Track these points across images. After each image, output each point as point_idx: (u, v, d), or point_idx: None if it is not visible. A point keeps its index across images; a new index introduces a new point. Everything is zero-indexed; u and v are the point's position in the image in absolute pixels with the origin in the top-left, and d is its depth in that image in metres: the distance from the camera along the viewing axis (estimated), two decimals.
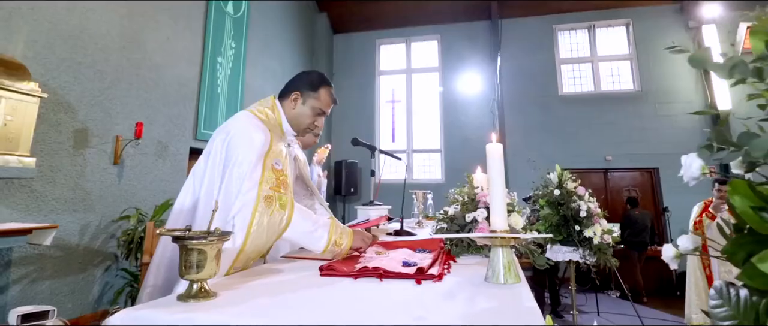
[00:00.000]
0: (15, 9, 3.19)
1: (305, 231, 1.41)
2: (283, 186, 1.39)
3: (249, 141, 1.41)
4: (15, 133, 2.88)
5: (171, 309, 0.85)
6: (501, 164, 1.18)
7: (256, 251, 1.34)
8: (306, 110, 1.65)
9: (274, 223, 1.33)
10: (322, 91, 1.67)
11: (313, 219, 1.44)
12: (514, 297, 0.96)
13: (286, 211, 1.37)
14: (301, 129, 1.68)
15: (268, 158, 1.40)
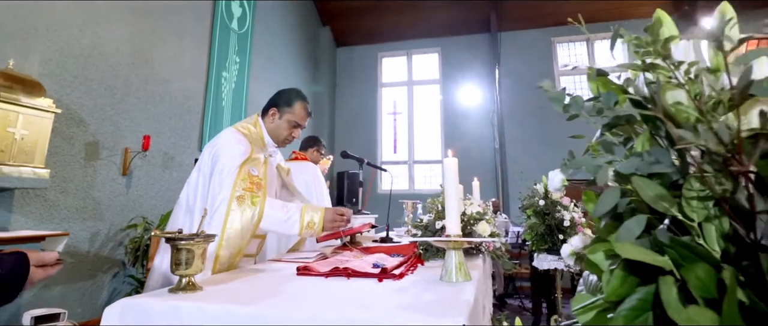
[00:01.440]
0: (32, 30, 3.42)
1: (279, 221, 1.64)
2: (257, 187, 1.60)
3: (230, 151, 1.65)
4: (31, 146, 3.08)
5: (162, 298, 1.02)
6: (455, 177, 1.34)
7: (236, 245, 1.53)
8: (282, 123, 1.88)
9: (246, 218, 1.55)
10: (296, 105, 1.89)
11: (285, 209, 1.66)
12: (457, 292, 1.11)
13: (257, 207, 1.58)
14: (279, 140, 1.91)
15: (246, 165, 1.64)
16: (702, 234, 0.50)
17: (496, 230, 1.95)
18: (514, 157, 8.00)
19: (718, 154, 0.46)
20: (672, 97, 0.52)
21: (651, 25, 0.53)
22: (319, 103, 8.42)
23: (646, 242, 0.53)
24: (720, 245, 0.50)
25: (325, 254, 1.79)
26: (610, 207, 0.53)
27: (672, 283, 0.47)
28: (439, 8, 8.36)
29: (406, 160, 8.79)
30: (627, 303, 0.50)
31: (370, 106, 8.99)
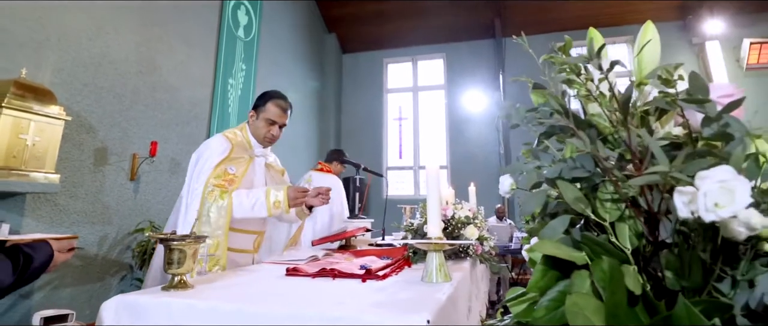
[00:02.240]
0: (44, 40, 3.54)
1: (247, 207, 1.76)
2: (230, 183, 1.76)
3: (209, 152, 1.85)
4: (42, 152, 3.19)
5: (155, 296, 1.09)
6: (437, 182, 1.40)
7: (211, 237, 1.66)
8: (260, 123, 2.03)
9: (216, 210, 1.70)
10: (269, 104, 2.03)
11: (251, 196, 1.78)
12: (433, 292, 1.17)
13: (226, 200, 1.72)
14: (260, 139, 2.04)
15: (223, 164, 1.80)
16: (614, 232, 0.55)
17: (486, 234, 2.00)
18: None
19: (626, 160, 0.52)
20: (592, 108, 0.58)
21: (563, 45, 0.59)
22: (325, 109, 8.52)
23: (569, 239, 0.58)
24: (633, 243, 0.56)
25: (317, 256, 1.86)
26: (536, 207, 0.59)
27: (586, 276, 0.53)
28: (444, 14, 8.43)
29: (412, 165, 8.85)
30: (548, 294, 0.56)
31: (376, 111, 9.07)
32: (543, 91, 0.70)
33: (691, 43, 8.08)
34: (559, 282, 0.56)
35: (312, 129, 8.17)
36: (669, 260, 0.50)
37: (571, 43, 0.61)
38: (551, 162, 0.62)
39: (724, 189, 0.37)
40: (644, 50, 0.61)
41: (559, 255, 0.53)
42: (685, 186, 0.39)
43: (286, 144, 7.09)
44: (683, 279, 0.50)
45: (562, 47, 0.60)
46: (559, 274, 0.56)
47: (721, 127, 0.45)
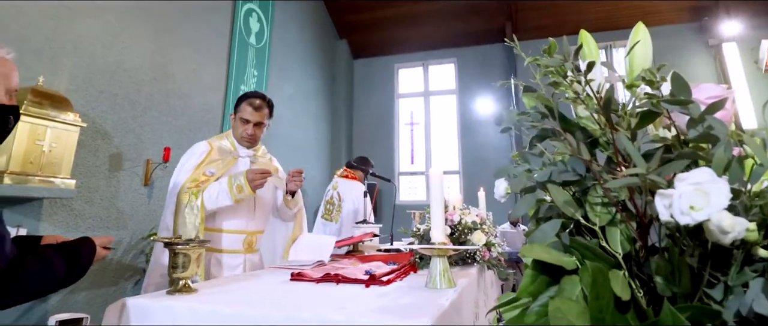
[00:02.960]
0: (60, 48, 3.63)
1: (213, 197, 1.85)
2: (204, 184, 1.86)
3: (187, 157, 1.99)
4: (58, 159, 3.26)
5: (159, 299, 1.11)
6: (440, 188, 1.40)
7: (190, 232, 1.72)
8: (237, 123, 2.14)
9: (190, 210, 1.79)
10: (243, 104, 2.13)
11: (216, 187, 1.87)
12: (436, 298, 1.16)
13: (198, 199, 1.81)
14: (238, 138, 2.14)
15: (202, 166, 1.92)
16: (605, 237, 0.55)
17: (494, 240, 1.99)
18: None
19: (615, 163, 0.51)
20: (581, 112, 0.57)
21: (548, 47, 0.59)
22: (337, 114, 8.56)
23: (560, 244, 0.58)
24: (624, 247, 0.55)
25: (323, 261, 1.87)
26: (525, 211, 0.59)
27: (576, 282, 0.52)
28: (455, 19, 8.43)
29: (424, 170, 8.83)
30: (539, 300, 0.56)
31: (388, 116, 9.08)
32: (533, 93, 0.70)
33: (707, 44, 7.94)
34: (550, 288, 0.55)
35: (324, 134, 8.21)
36: (659, 265, 0.49)
37: (555, 45, 0.61)
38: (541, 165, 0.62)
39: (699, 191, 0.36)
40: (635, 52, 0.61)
41: (548, 260, 0.52)
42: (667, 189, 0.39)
43: (299, 149, 7.15)
44: (674, 284, 0.49)
45: (547, 49, 0.60)
46: (549, 279, 0.56)
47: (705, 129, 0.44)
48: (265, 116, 2.15)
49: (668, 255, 0.49)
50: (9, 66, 1.08)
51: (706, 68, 7.80)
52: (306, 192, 7.19)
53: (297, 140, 7.14)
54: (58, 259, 1.02)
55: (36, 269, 0.95)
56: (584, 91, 0.55)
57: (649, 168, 0.41)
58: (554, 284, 0.56)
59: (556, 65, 0.53)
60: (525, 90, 0.68)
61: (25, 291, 0.93)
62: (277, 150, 6.48)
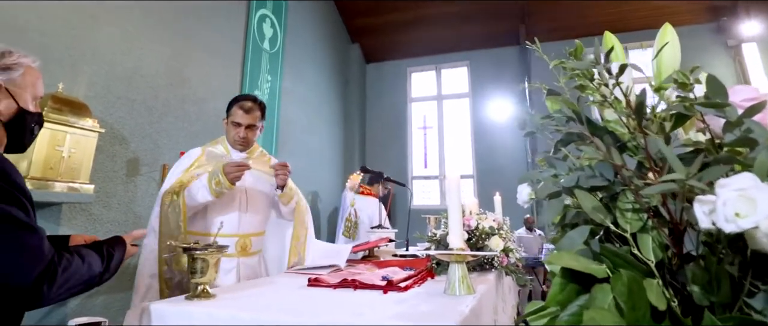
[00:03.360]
0: (80, 56, 3.69)
1: (194, 194, 1.87)
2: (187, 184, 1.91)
3: (180, 162, 2.05)
4: (77, 164, 3.31)
5: (177, 304, 1.11)
6: (458, 193, 1.38)
7: (172, 227, 1.80)
8: (229, 127, 2.15)
9: (172, 210, 1.83)
10: (233, 108, 2.13)
11: (194, 186, 1.89)
12: (455, 304, 1.15)
13: (179, 198, 1.85)
14: (231, 142, 2.16)
15: (191, 170, 1.96)
16: (636, 244, 0.53)
17: (512, 245, 1.96)
18: None
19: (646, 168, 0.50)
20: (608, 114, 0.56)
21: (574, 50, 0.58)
22: (350, 118, 8.58)
23: (589, 251, 0.56)
24: (657, 255, 0.53)
25: (340, 267, 1.86)
26: (553, 217, 0.57)
27: (608, 291, 0.51)
28: (468, 22, 8.39)
29: (437, 175, 8.79)
30: (568, 309, 0.54)
31: (400, 120, 9.07)
32: (557, 97, 0.69)
33: (726, 45, 7.80)
34: (580, 297, 0.54)
35: (337, 139, 8.24)
36: (695, 273, 0.48)
37: (582, 47, 0.60)
38: (568, 170, 0.60)
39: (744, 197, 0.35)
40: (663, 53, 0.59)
41: (577, 268, 0.51)
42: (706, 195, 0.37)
43: (312, 153, 7.17)
44: (712, 294, 0.47)
45: (573, 52, 0.58)
46: (579, 288, 0.54)
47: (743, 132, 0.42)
48: (256, 118, 2.15)
49: (705, 263, 0.48)
50: (35, 74, 1.11)
51: (725, 69, 7.65)
52: (319, 196, 7.21)
53: (310, 144, 7.17)
54: (95, 257, 1.05)
55: (75, 266, 0.98)
56: (612, 94, 0.54)
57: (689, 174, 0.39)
58: (584, 293, 0.54)
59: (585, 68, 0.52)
60: (548, 93, 0.66)
61: (66, 288, 0.95)
62: (291, 154, 6.53)
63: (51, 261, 0.93)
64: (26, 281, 0.86)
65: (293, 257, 2.10)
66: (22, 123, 1.08)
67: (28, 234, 0.90)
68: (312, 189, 7.06)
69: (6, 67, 1.05)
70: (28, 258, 0.88)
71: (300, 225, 2.22)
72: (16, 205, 0.89)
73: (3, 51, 1.07)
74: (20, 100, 1.07)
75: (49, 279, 0.90)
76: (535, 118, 0.66)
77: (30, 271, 0.87)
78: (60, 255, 0.97)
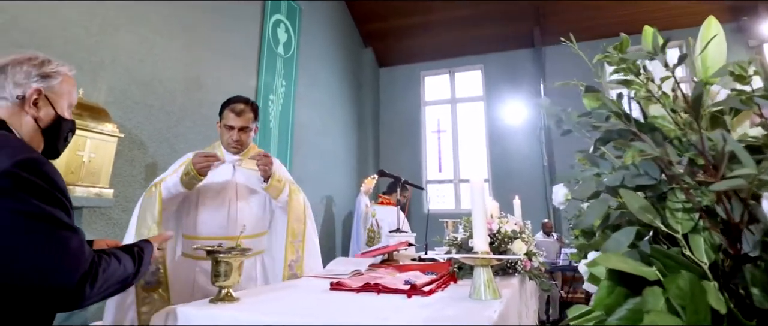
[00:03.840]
0: (99, 62, 3.75)
1: (172, 187, 1.92)
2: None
3: (173, 165, 2.11)
4: (97, 169, 3.35)
5: (202, 308, 1.10)
6: (482, 195, 1.36)
7: (148, 216, 1.89)
8: (222, 130, 2.15)
9: (149, 202, 1.93)
10: (225, 111, 2.14)
11: (170, 179, 1.94)
12: (482, 309, 1.12)
13: (155, 190, 1.93)
14: (225, 145, 2.16)
15: (178, 169, 1.97)
16: (688, 245, 0.51)
17: (534, 249, 1.93)
18: None
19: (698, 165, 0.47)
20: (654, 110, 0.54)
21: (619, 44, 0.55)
22: (363, 123, 8.59)
23: (636, 253, 0.54)
24: (709, 256, 0.51)
25: (361, 271, 1.84)
26: (595, 218, 0.55)
27: (660, 294, 0.48)
28: (481, 25, 8.35)
29: (452, 178, 8.74)
30: (617, 313, 0.52)
31: (414, 124, 9.04)
32: (597, 94, 0.66)
33: (747, 45, 7.65)
34: (628, 300, 0.51)
35: (351, 142, 8.25)
36: (755, 275, 0.45)
37: (628, 41, 0.58)
38: (610, 169, 0.58)
39: None
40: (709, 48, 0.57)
41: (627, 270, 0.49)
42: None
43: (326, 157, 7.18)
44: None
45: (618, 46, 0.56)
46: (627, 291, 0.52)
47: None
48: (249, 120, 2.13)
49: (765, 265, 0.45)
50: (72, 83, 1.15)
51: None
52: (333, 200, 7.22)
53: (325, 148, 7.19)
54: (127, 258, 1.06)
55: (113, 267, 1.00)
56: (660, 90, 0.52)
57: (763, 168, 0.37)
58: (632, 296, 0.52)
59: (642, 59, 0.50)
60: (586, 90, 0.64)
61: (105, 288, 0.97)
62: (305, 158, 6.55)
63: (92, 262, 0.95)
64: (71, 281, 0.88)
65: (290, 255, 2.00)
66: (58, 129, 1.11)
67: (71, 235, 0.92)
68: (326, 194, 7.07)
69: (46, 75, 1.08)
70: (72, 258, 0.90)
71: (295, 220, 2.10)
72: (60, 207, 0.91)
73: (43, 59, 1.10)
74: (58, 107, 1.10)
75: (92, 280, 0.92)
76: (571, 116, 0.64)
77: (74, 272, 0.89)
78: (99, 256, 0.99)
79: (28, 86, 1.05)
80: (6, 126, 1.00)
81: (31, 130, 1.06)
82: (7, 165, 0.84)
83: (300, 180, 5.71)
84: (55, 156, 1.13)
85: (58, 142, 1.13)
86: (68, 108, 1.14)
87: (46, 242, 0.87)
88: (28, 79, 1.05)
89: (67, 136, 1.16)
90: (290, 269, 1.94)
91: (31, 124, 1.05)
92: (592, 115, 0.63)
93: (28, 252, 0.85)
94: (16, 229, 0.84)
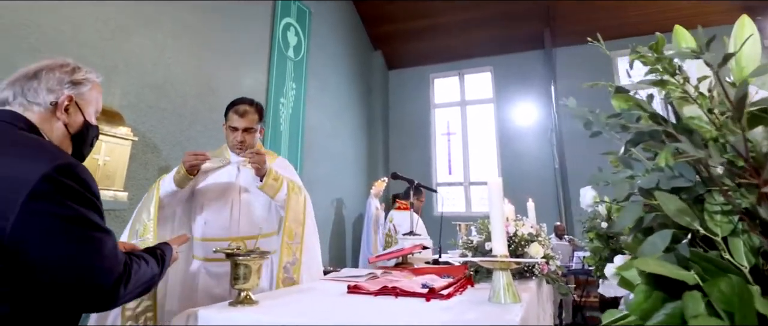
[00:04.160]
0: (113, 66, 3.79)
1: (168, 188, 1.94)
2: None
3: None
4: (112, 172, 3.38)
5: (222, 310, 1.11)
6: (500, 197, 1.35)
7: (141, 223, 1.90)
8: (227, 132, 2.15)
9: (149, 196, 1.95)
10: (229, 112, 2.14)
11: (167, 179, 1.97)
12: (502, 313, 1.11)
13: (155, 185, 1.98)
14: (230, 146, 2.15)
15: None
16: (728, 248, 0.50)
17: (551, 253, 1.91)
18: (576, 178, 7.67)
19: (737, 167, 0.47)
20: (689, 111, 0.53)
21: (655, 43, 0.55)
22: (373, 126, 8.60)
23: (673, 257, 0.53)
24: (749, 260, 0.50)
25: (376, 274, 1.84)
26: (632, 221, 0.54)
27: (699, 298, 0.47)
28: (491, 27, 8.32)
29: (462, 181, 8.70)
30: (654, 318, 0.51)
31: (424, 127, 9.03)
32: (627, 94, 0.65)
33: (763, 46, 7.53)
34: (666, 305, 0.50)
35: (361, 145, 8.26)
36: None
37: (663, 40, 0.57)
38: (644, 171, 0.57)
39: None
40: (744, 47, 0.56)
41: (666, 274, 0.48)
42: None
43: (337, 160, 7.20)
44: None
45: (654, 46, 0.55)
46: (665, 295, 0.51)
47: None
48: (253, 121, 2.11)
49: None
50: (99, 90, 1.18)
51: None
52: (344, 203, 7.22)
53: (335, 151, 7.21)
54: (152, 260, 1.08)
55: (143, 268, 1.02)
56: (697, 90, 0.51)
57: None
58: (669, 300, 0.51)
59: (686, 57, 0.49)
60: (616, 91, 0.63)
61: (135, 288, 0.99)
62: (315, 161, 6.56)
63: (125, 263, 0.97)
64: (108, 282, 0.91)
65: (286, 257, 1.92)
66: (85, 135, 1.14)
67: (106, 237, 0.94)
68: (336, 196, 7.08)
69: (78, 82, 1.11)
70: (109, 260, 0.92)
71: (293, 221, 2.00)
72: (95, 210, 0.94)
73: (74, 66, 1.13)
74: (86, 113, 1.13)
75: (126, 281, 0.95)
76: (600, 117, 0.63)
77: (110, 273, 0.92)
78: (129, 257, 1.01)
79: (60, 92, 1.07)
80: (37, 130, 1.02)
81: (61, 135, 1.08)
82: (48, 169, 0.86)
83: (310, 183, 5.71)
84: (80, 160, 1.15)
85: (84, 147, 1.16)
86: (94, 114, 1.17)
87: (83, 244, 0.89)
88: (61, 85, 1.07)
89: (93, 141, 1.18)
90: (285, 271, 1.87)
91: (61, 129, 1.08)
92: (622, 116, 0.62)
93: (66, 254, 0.87)
94: (55, 232, 0.86)
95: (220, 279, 1.93)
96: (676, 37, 0.62)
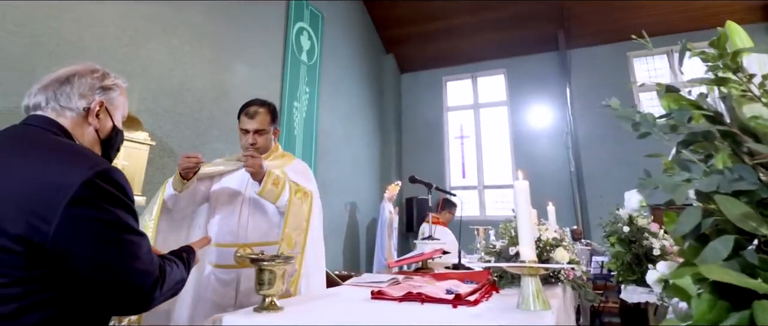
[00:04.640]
0: (131, 71, 3.83)
1: (169, 190, 1.93)
2: None
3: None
4: (130, 176, 3.40)
5: (247, 316, 1.09)
6: (527, 200, 1.32)
7: (143, 224, 1.88)
8: (240, 134, 2.11)
9: (155, 198, 1.96)
10: (240, 115, 2.11)
11: (169, 183, 1.96)
12: (534, 320, 1.08)
13: (161, 187, 1.97)
14: (244, 149, 2.10)
15: None
16: None
17: (575, 257, 1.87)
18: (593, 181, 7.56)
19: None
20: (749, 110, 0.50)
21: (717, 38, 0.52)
22: (386, 129, 8.58)
23: (736, 264, 0.50)
24: None
25: (398, 279, 1.81)
26: (691, 227, 0.51)
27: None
28: (503, 29, 8.26)
29: (476, 185, 8.62)
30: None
31: (437, 130, 8.98)
32: (677, 94, 0.63)
33: None
34: (731, 315, 0.48)
35: (374, 149, 8.25)
36: None
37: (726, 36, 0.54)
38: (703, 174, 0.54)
39: None
40: None
41: (733, 282, 0.45)
42: None
43: (350, 163, 7.19)
44: None
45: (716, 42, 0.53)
46: (729, 305, 0.48)
47: None
48: (265, 122, 2.05)
49: None
50: (126, 95, 1.21)
51: None
52: (357, 207, 7.21)
53: (348, 155, 7.21)
54: (179, 263, 1.09)
55: (174, 271, 1.04)
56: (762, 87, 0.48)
57: None
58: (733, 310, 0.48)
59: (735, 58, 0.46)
60: (667, 90, 0.61)
61: (167, 290, 1.00)
62: (329, 164, 6.56)
63: (160, 266, 0.99)
64: (146, 284, 0.93)
65: None
66: (113, 140, 1.16)
67: (142, 240, 0.96)
68: (350, 200, 7.07)
69: (108, 88, 1.13)
70: (146, 263, 0.94)
71: (294, 229, 1.83)
72: (131, 214, 0.96)
73: (103, 72, 1.15)
74: (115, 118, 1.15)
75: (161, 283, 0.97)
76: (648, 118, 0.60)
77: (148, 275, 0.94)
78: (162, 260, 1.03)
79: (92, 98, 1.08)
80: (69, 135, 1.04)
81: (92, 140, 1.10)
82: (89, 175, 0.88)
83: (324, 187, 5.69)
84: None
85: (111, 151, 1.17)
86: (121, 119, 1.19)
87: (122, 247, 0.91)
88: (93, 91, 1.09)
89: (119, 145, 1.20)
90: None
91: (92, 134, 1.09)
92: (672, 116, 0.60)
93: (108, 257, 0.88)
94: (96, 237, 0.88)
95: (227, 287, 1.90)
96: (731, 33, 0.59)
